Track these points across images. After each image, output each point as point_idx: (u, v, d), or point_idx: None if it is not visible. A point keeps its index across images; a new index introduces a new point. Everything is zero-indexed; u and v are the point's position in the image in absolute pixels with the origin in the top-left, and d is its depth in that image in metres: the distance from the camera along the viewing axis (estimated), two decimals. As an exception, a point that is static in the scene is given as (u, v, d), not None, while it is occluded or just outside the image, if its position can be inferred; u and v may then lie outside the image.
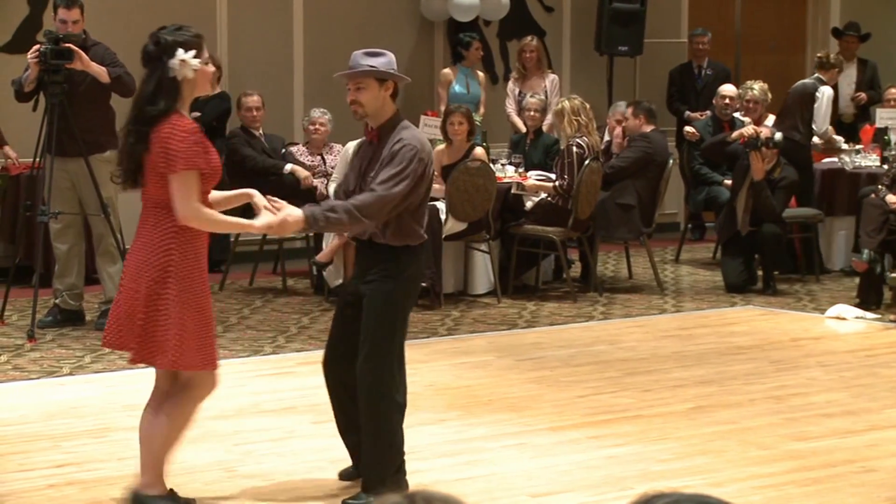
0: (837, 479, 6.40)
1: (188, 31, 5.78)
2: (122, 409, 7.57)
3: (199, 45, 5.75)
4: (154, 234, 5.64)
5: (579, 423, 7.21)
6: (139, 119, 5.69)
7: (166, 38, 5.72)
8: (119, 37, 11.38)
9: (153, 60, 5.75)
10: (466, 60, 12.87)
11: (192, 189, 5.62)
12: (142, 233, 5.70)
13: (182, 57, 5.66)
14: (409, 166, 5.80)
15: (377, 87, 5.94)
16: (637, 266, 12.23)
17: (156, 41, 5.75)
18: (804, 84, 12.45)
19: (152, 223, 5.67)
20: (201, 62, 5.72)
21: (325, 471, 6.46)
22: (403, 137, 5.88)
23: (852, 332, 9.97)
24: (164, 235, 5.62)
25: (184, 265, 5.59)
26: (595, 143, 11.09)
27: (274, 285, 11.36)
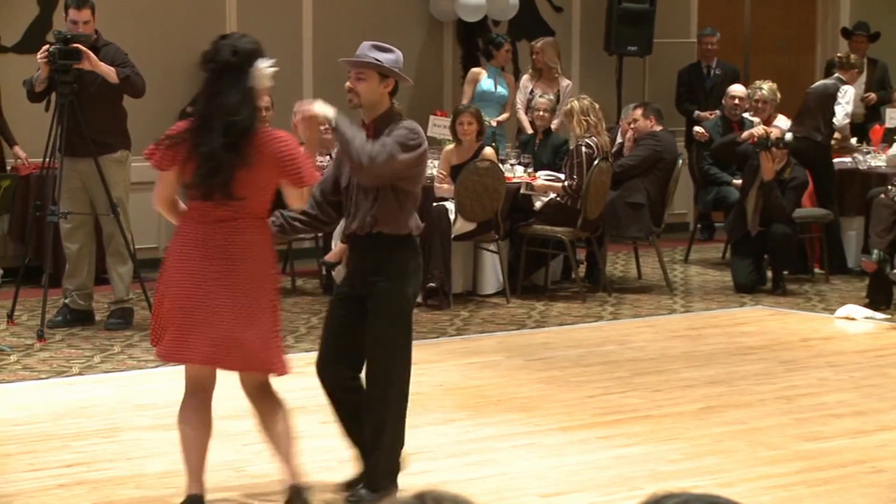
0: (847, 480, 6.39)
1: (251, 39, 5.66)
2: (131, 408, 7.58)
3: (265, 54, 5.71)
4: (265, 250, 5.63)
5: (589, 424, 7.21)
6: (229, 132, 5.49)
7: (244, 46, 5.57)
8: (131, 37, 11.40)
9: (233, 71, 5.55)
10: (495, 60, 12.87)
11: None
12: (249, 249, 5.60)
13: (262, 65, 5.59)
14: (414, 140, 5.82)
15: (377, 81, 5.95)
16: (646, 266, 12.22)
17: (234, 51, 5.55)
18: (825, 85, 12.42)
19: (261, 238, 5.63)
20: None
21: (333, 471, 6.47)
22: (404, 125, 5.90)
23: (862, 333, 9.96)
24: (272, 248, 5.66)
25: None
26: (604, 143, 11.09)
27: (283, 285, 11.36)
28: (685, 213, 14.38)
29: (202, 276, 5.53)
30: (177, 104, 12.12)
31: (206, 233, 5.57)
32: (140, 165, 11.35)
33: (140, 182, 11.30)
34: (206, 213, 5.57)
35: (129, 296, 9.66)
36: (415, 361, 8.84)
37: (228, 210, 5.57)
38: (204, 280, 5.53)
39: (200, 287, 5.53)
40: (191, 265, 5.56)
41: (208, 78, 5.59)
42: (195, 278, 5.54)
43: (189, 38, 12.15)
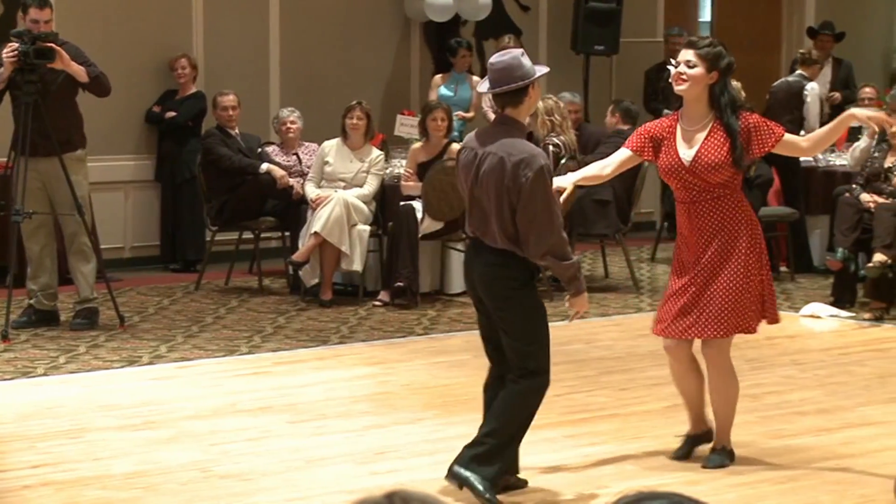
0: (812, 477, 6.43)
1: None
2: (97, 409, 7.55)
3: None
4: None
5: (555, 422, 7.22)
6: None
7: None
8: (96, 37, 11.36)
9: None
10: (455, 66, 12.87)
11: None
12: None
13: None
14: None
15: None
16: (613, 265, 12.25)
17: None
18: (788, 82, 12.48)
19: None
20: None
21: (301, 470, 6.46)
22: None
23: (827, 331, 10.01)
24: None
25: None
26: (571, 141, 11.11)
27: (250, 285, 11.35)
28: (652, 212, 14.42)
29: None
30: (142, 104, 12.10)
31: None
32: (100, 165, 11.38)
33: (101, 182, 11.28)
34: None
35: (93, 295, 9.62)
36: (378, 361, 8.90)
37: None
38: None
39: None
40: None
41: None
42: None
43: (155, 38, 12.12)
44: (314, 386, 8.08)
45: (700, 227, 6.42)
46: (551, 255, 5.83)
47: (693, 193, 6.45)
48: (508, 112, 6.00)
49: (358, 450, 6.78)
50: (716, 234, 6.39)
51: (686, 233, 6.48)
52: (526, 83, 5.94)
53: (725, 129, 6.39)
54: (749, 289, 6.41)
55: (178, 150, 11.95)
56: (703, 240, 6.41)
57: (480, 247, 6.00)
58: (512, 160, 5.84)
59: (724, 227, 6.39)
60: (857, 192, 10.75)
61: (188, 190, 11.80)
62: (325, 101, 12.40)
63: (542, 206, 5.80)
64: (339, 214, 10.47)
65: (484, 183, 5.92)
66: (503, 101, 6.00)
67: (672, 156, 6.47)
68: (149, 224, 12.20)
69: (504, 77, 5.94)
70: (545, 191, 5.83)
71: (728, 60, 6.43)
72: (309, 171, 11.09)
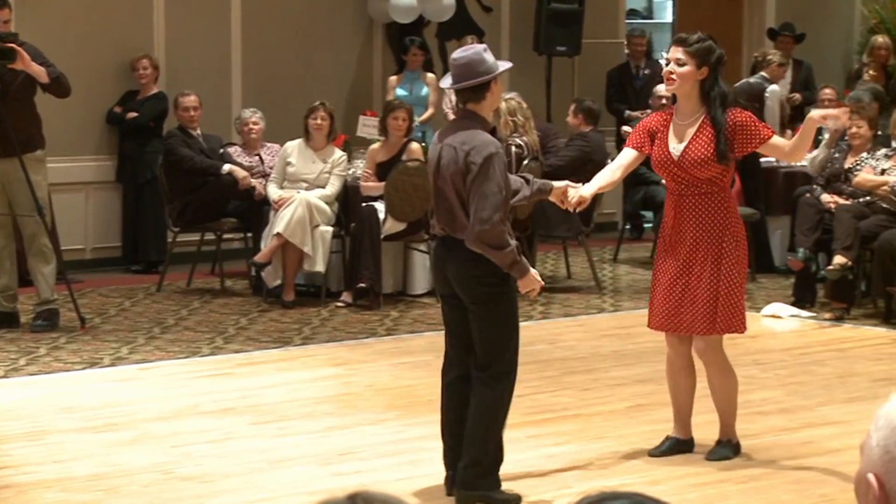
0: (773, 477, 6.46)
1: None
2: (58, 411, 7.52)
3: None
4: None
5: (519, 423, 7.22)
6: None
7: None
8: (57, 37, 11.29)
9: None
10: (409, 65, 12.87)
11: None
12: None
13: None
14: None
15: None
16: (575, 266, 12.27)
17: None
18: (749, 84, 12.53)
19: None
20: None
21: (264, 472, 6.45)
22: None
23: (788, 331, 10.06)
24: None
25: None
26: (534, 142, 11.12)
27: (212, 286, 11.31)
28: (614, 213, 14.45)
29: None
30: (104, 104, 12.04)
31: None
32: (61, 166, 11.32)
33: (62, 183, 11.23)
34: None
35: (54, 296, 9.56)
36: (341, 362, 8.89)
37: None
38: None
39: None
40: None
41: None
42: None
43: (116, 38, 12.06)
44: (277, 387, 8.06)
45: (686, 221, 6.49)
46: (485, 243, 5.83)
47: (682, 187, 6.52)
48: (471, 107, 6.02)
49: (321, 451, 6.77)
50: (701, 229, 6.47)
51: (672, 224, 6.55)
52: (487, 78, 5.95)
53: (713, 123, 6.45)
54: (739, 286, 6.51)
55: (140, 151, 11.90)
56: (689, 234, 6.48)
57: (451, 243, 5.99)
58: (464, 149, 5.89)
59: (710, 223, 6.47)
60: (818, 192, 10.81)
61: (150, 191, 11.75)
62: (287, 101, 12.38)
63: (480, 190, 5.82)
64: (302, 215, 10.45)
65: (444, 175, 5.96)
66: (465, 96, 6.02)
67: (663, 149, 6.53)
68: (110, 225, 12.15)
69: (466, 72, 5.95)
70: (488, 177, 5.83)
71: (718, 54, 6.48)
72: (271, 172, 11.06)
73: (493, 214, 5.82)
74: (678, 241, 6.52)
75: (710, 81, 6.46)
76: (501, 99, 6.38)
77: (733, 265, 6.50)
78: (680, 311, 6.54)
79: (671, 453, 6.72)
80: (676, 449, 6.75)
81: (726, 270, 6.47)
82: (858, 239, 10.21)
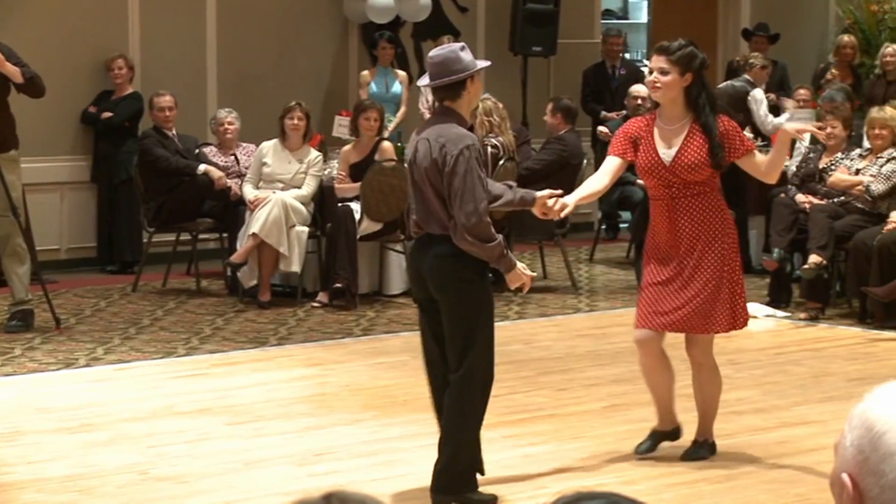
0: (749, 476, 6.48)
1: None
2: (33, 412, 7.49)
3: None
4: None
5: (494, 423, 7.22)
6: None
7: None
8: (31, 36, 11.25)
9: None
10: (380, 61, 12.88)
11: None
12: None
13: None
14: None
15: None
16: (551, 266, 12.28)
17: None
18: (734, 87, 12.50)
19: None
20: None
21: (240, 472, 6.44)
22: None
23: (763, 331, 10.08)
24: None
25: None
26: (509, 142, 11.13)
27: (187, 286, 11.29)
28: (590, 213, 14.47)
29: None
30: (78, 104, 12.00)
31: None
32: (35, 166, 11.27)
33: (37, 183, 11.18)
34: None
35: (28, 297, 9.52)
36: (316, 363, 8.88)
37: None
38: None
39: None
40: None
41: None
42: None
43: (91, 38, 12.02)
44: (252, 387, 8.05)
45: (680, 225, 6.49)
46: (473, 236, 5.81)
47: (672, 191, 6.51)
48: (448, 104, 6.01)
49: (296, 451, 6.77)
50: (696, 231, 6.47)
51: (664, 229, 6.53)
52: (463, 76, 5.93)
53: (703, 129, 6.45)
54: (741, 282, 6.59)
55: (115, 151, 11.86)
56: (683, 236, 6.48)
57: (427, 240, 5.97)
58: (439, 142, 5.87)
59: (704, 224, 6.48)
60: (793, 192, 10.85)
61: (125, 191, 11.72)
62: (262, 101, 12.36)
63: (461, 184, 5.80)
64: (278, 215, 10.44)
65: (420, 169, 5.93)
66: (442, 94, 6.00)
67: (651, 154, 6.52)
68: (85, 225, 12.11)
69: (442, 70, 5.93)
70: (466, 170, 5.81)
71: (700, 59, 6.48)
72: (247, 172, 11.05)
73: (478, 206, 5.81)
74: (674, 243, 6.49)
75: (696, 87, 6.45)
76: (480, 97, 6.33)
77: (734, 262, 6.55)
78: (667, 310, 6.49)
79: (655, 447, 6.73)
80: (660, 441, 6.76)
81: (728, 268, 6.51)
82: (833, 239, 10.25)
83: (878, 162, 10.46)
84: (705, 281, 6.47)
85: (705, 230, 6.48)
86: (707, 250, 6.48)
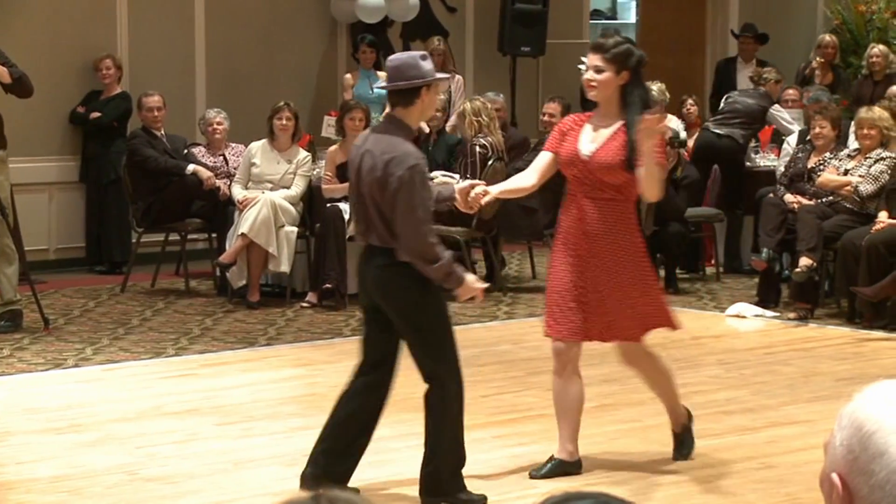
0: (737, 476, 6.48)
1: None
2: (22, 412, 7.48)
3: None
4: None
5: (484, 423, 7.23)
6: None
7: None
8: (19, 36, 11.23)
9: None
10: (362, 63, 12.87)
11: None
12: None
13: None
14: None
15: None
16: (541, 266, 12.26)
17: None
18: (747, 103, 12.42)
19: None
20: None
21: (228, 473, 6.43)
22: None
23: (752, 331, 10.10)
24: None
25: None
26: (498, 142, 11.13)
27: (176, 286, 11.28)
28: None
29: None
30: (66, 104, 11.98)
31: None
32: (24, 166, 11.25)
33: (25, 183, 11.16)
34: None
35: (17, 297, 9.51)
36: (305, 363, 8.87)
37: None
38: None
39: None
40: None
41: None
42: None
43: (78, 38, 12.01)
44: (241, 388, 8.05)
45: (587, 225, 6.27)
46: (417, 258, 5.72)
47: (586, 188, 6.28)
48: (397, 112, 5.90)
49: (285, 452, 6.76)
50: (604, 235, 6.26)
51: (572, 228, 6.32)
52: (418, 83, 5.83)
53: (627, 129, 6.24)
54: (654, 287, 6.47)
55: (104, 151, 11.85)
56: (591, 239, 6.26)
57: (370, 251, 5.91)
58: (384, 158, 5.76)
59: (612, 230, 6.27)
60: (781, 192, 10.87)
61: (114, 191, 11.70)
62: (251, 102, 12.35)
63: (405, 206, 5.70)
64: (267, 216, 10.43)
65: (365, 181, 5.84)
66: (395, 100, 5.91)
67: (572, 147, 6.32)
68: (74, 226, 12.09)
69: (397, 75, 5.87)
70: (410, 191, 5.71)
71: (637, 57, 6.29)
72: (236, 173, 11.04)
73: (420, 228, 5.70)
74: (577, 244, 6.29)
75: (631, 86, 6.27)
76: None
77: (639, 268, 6.32)
78: (589, 319, 6.33)
79: (554, 476, 6.36)
80: (561, 471, 6.39)
81: (630, 275, 6.28)
82: (822, 239, 10.27)
83: (866, 162, 10.48)
84: (616, 288, 6.27)
85: (613, 236, 6.26)
86: (610, 257, 6.26)
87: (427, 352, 5.92)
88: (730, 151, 12.08)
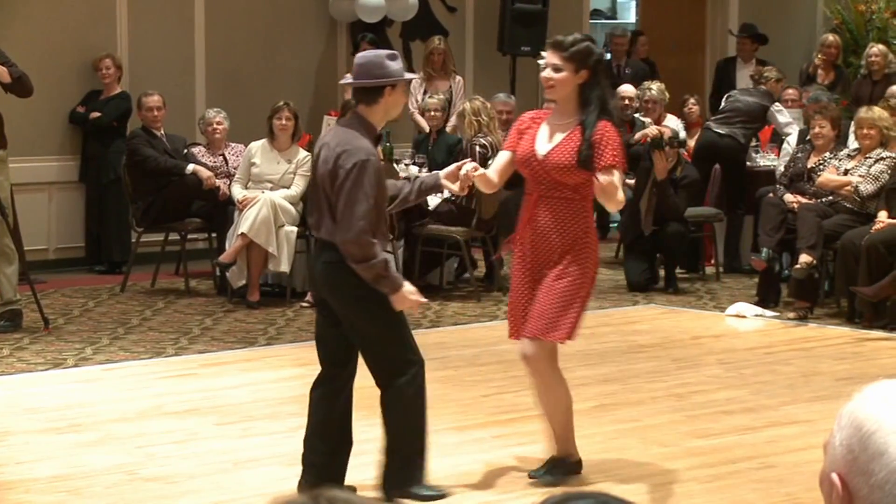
0: (737, 476, 6.48)
1: None
2: (21, 412, 7.47)
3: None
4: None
5: (484, 423, 7.24)
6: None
7: None
8: (19, 36, 11.23)
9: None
10: None
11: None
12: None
13: None
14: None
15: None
16: (540, 265, 12.28)
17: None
18: (748, 101, 12.42)
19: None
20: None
21: (228, 473, 6.43)
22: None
23: (752, 330, 10.10)
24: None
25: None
26: (498, 142, 11.12)
27: (176, 286, 11.28)
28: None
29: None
30: (66, 104, 11.98)
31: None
32: (24, 166, 11.25)
33: (25, 183, 11.16)
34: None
35: (17, 297, 9.50)
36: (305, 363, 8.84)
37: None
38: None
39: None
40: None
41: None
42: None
43: (78, 37, 12.01)
44: (241, 388, 8.04)
45: (542, 224, 6.20)
46: (349, 254, 5.67)
47: (542, 188, 6.20)
48: (361, 109, 5.89)
49: (285, 451, 6.75)
50: (557, 235, 6.17)
51: (527, 226, 6.24)
52: (381, 83, 5.81)
53: (582, 127, 6.13)
54: (578, 296, 6.18)
55: (103, 151, 11.85)
56: (544, 238, 6.19)
57: (322, 245, 5.88)
58: (337, 150, 5.74)
59: (566, 230, 6.18)
60: (781, 192, 10.87)
61: (113, 191, 11.70)
62: (251, 101, 12.35)
63: (346, 199, 5.67)
64: (266, 215, 10.44)
65: (319, 173, 5.82)
66: (358, 97, 5.89)
67: (529, 146, 6.21)
68: (73, 225, 12.09)
69: (361, 73, 5.86)
70: (355, 185, 5.66)
71: (597, 55, 6.19)
72: (235, 172, 11.04)
73: (354, 224, 5.64)
74: (531, 243, 6.22)
75: (590, 85, 6.13)
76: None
77: (577, 275, 6.16)
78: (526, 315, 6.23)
79: (554, 474, 6.30)
80: (561, 470, 6.34)
81: (569, 278, 6.14)
82: (822, 237, 10.27)
83: (866, 162, 10.48)
84: (549, 286, 6.14)
85: (567, 236, 6.16)
86: (559, 257, 6.16)
87: (380, 356, 5.87)
88: (731, 151, 12.10)
